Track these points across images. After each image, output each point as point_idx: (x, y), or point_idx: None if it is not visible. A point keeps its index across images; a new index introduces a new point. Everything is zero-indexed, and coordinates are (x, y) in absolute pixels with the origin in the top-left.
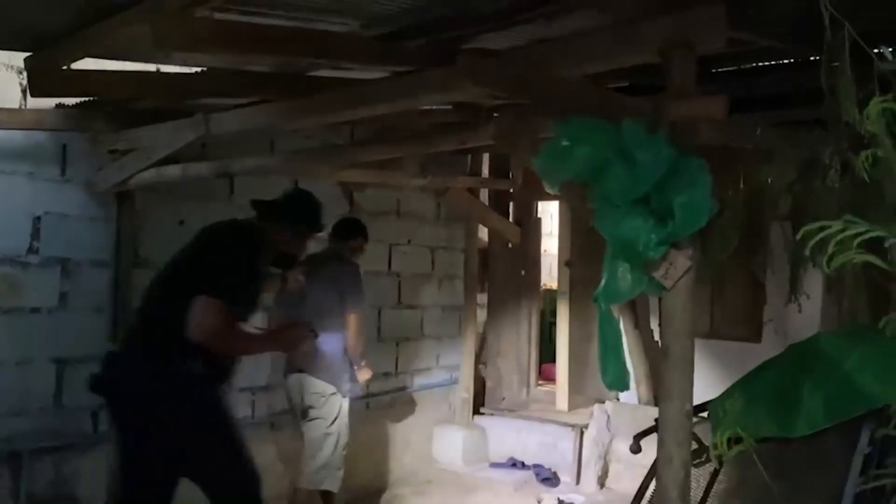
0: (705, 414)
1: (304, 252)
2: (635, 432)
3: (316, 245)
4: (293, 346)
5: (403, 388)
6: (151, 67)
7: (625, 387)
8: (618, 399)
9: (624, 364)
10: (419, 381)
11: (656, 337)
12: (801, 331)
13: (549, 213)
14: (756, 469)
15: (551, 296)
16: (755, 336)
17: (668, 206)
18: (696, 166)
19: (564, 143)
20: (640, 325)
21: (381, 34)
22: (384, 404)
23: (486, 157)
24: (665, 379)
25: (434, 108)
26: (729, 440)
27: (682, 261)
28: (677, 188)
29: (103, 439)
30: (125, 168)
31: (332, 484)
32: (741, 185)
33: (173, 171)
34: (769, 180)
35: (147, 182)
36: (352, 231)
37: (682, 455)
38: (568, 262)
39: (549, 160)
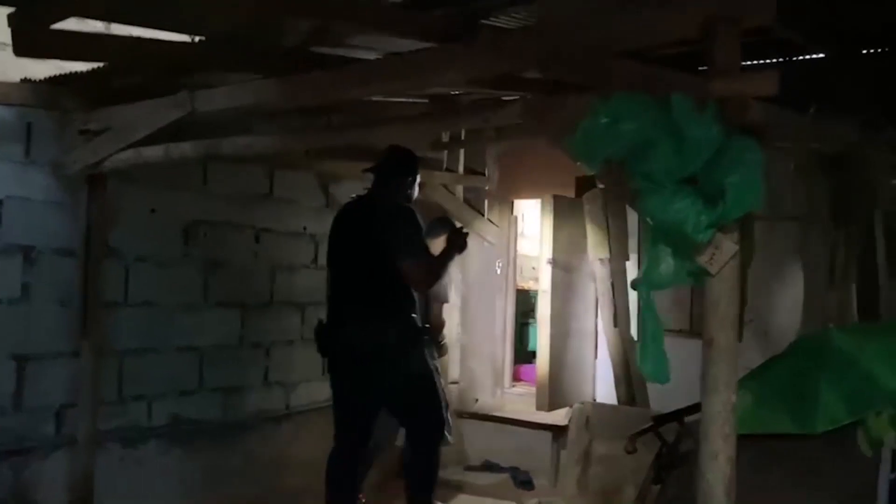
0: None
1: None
2: (614, 433)
3: None
4: (463, 247)
5: None
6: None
7: (665, 378)
8: (593, 399)
9: (664, 354)
10: None
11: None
12: (783, 330)
13: (521, 213)
14: (770, 467)
15: (523, 297)
16: (736, 335)
17: (718, 186)
18: (747, 146)
19: (606, 120)
20: (619, 323)
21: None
22: None
23: (461, 154)
24: (709, 370)
25: (408, 100)
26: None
27: (728, 245)
28: (728, 168)
29: (67, 441)
30: (99, 149)
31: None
32: None
33: (154, 152)
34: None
35: (123, 165)
36: None
37: (729, 451)
38: (551, 260)
39: (588, 139)
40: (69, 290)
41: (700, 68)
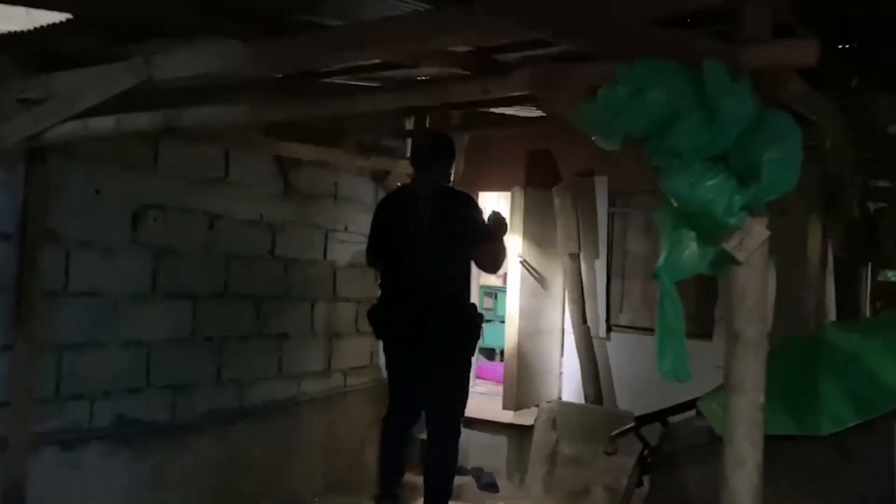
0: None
1: None
2: (582, 433)
3: None
4: (507, 229)
5: (336, 388)
6: None
7: (686, 376)
8: (559, 399)
9: (684, 351)
10: (353, 380)
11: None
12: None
13: (485, 206)
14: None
15: (485, 291)
16: (706, 333)
17: (752, 164)
18: (784, 120)
19: (629, 89)
20: (588, 320)
21: None
22: (316, 406)
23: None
24: (734, 368)
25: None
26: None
27: (759, 230)
28: (764, 144)
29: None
30: (40, 119)
31: None
32: None
33: (103, 124)
34: None
35: (66, 138)
36: None
37: (757, 456)
38: (523, 261)
39: (607, 111)
40: (2, 276)
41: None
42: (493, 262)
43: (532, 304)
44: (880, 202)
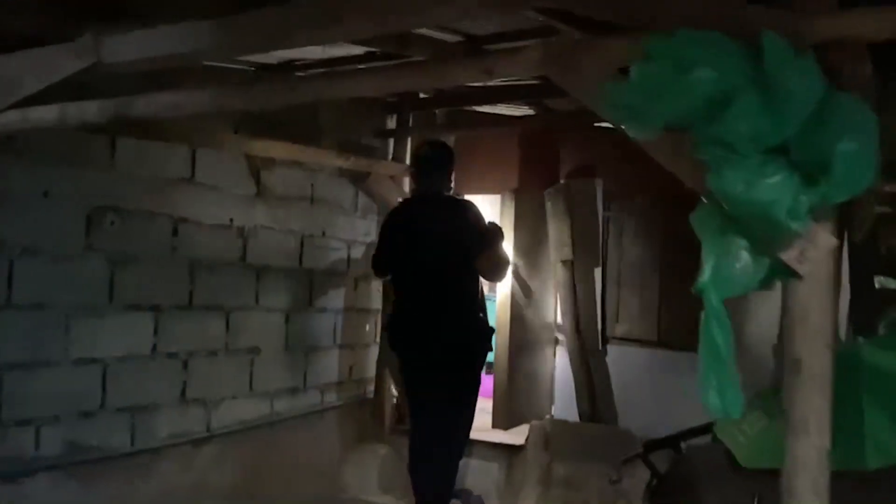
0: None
1: None
2: (577, 453)
3: None
4: (503, 238)
5: (313, 406)
6: None
7: (736, 412)
8: (550, 416)
9: (735, 381)
10: (330, 396)
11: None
12: (758, 340)
13: None
14: None
15: None
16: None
17: (820, 157)
18: (857, 105)
19: (667, 66)
20: (583, 332)
21: None
22: (291, 426)
23: (409, 142)
24: (795, 404)
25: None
26: (764, 471)
27: (824, 237)
28: (836, 132)
29: None
30: None
31: None
32: None
33: (45, 114)
34: None
35: (4, 130)
36: None
37: None
38: (514, 270)
39: (642, 93)
40: None
41: None
42: (499, 270)
43: (522, 315)
44: (883, 206)
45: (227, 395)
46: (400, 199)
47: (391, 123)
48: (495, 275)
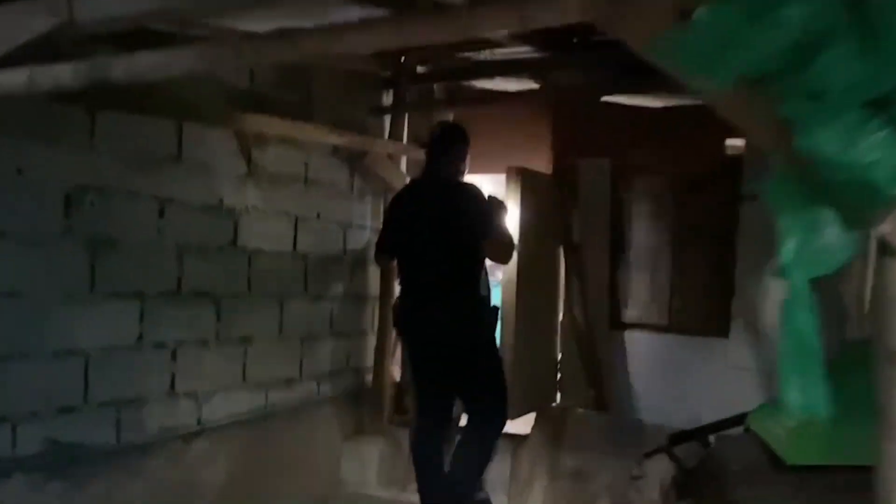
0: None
1: None
2: (587, 443)
3: None
4: (506, 211)
5: (309, 397)
6: None
7: (821, 411)
8: (554, 404)
9: (821, 377)
10: (326, 387)
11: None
12: (776, 325)
13: None
14: None
15: None
16: (722, 330)
17: None
18: None
19: (743, 5)
20: (592, 317)
21: None
22: (286, 418)
23: (406, 119)
24: (893, 400)
25: None
26: (807, 467)
27: None
28: None
29: None
30: None
31: None
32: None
33: (14, 78)
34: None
35: None
36: None
37: None
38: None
39: (712, 38)
40: None
41: None
42: (506, 252)
43: (527, 300)
44: None
45: (218, 388)
46: (408, 181)
47: (387, 100)
48: (502, 257)
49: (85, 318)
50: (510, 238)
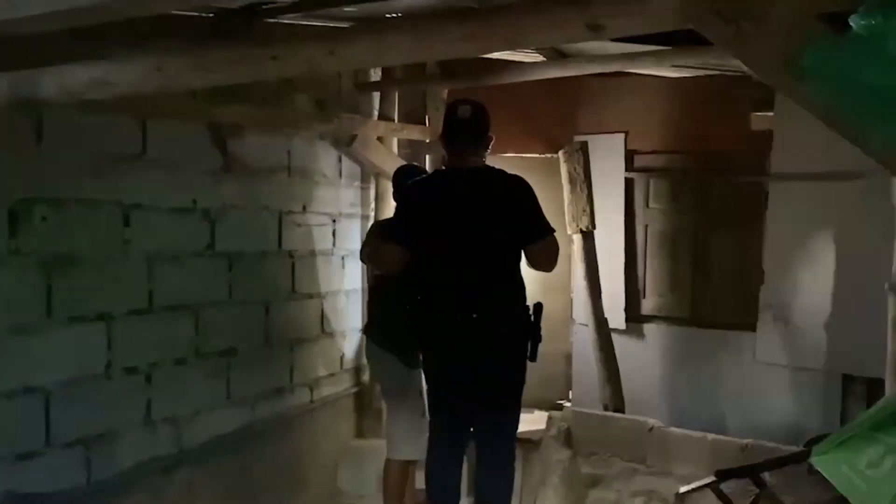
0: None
1: None
2: (603, 448)
3: None
4: None
5: (301, 405)
6: None
7: None
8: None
9: None
10: (320, 392)
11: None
12: (808, 317)
13: None
14: None
15: None
16: (748, 323)
17: None
18: None
19: None
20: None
21: None
22: (277, 431)
23: (396, 97)
24: None
25: None
26: None
27: None
28: None
29: None
30: None
31: None
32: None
33: None
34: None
35: None
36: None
37: None
38: None
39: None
40: None
41: None
42: (554, 258)
43: (533, 292)
44: None
45: (200, 408)
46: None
47: (374, 75)
48: (544, 264)
49: (42, 349)
50: (557, 242)
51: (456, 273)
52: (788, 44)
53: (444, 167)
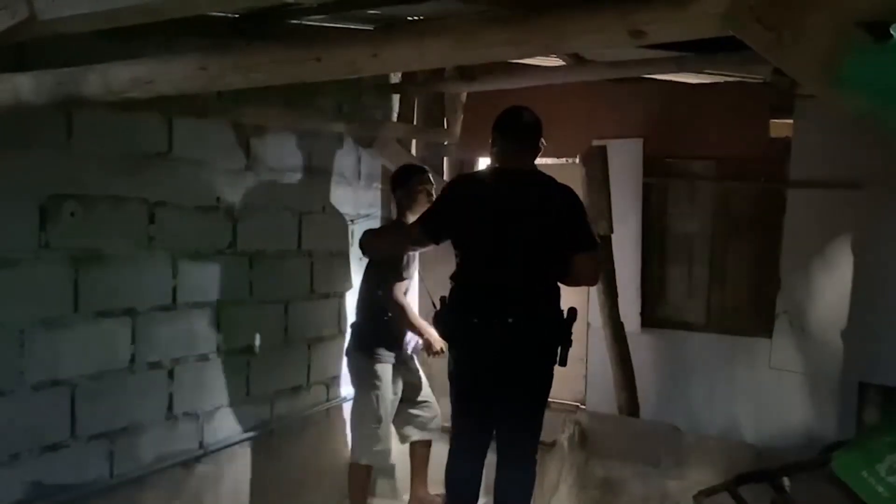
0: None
1: None
2: (619, 452)
3: None
4: None
5: (318, 404)
6: None
7: None
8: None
9: None
10: (337, 390)
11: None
12: (825, 324)
13: None
14: None
15: None
16: (765, 329)
17: None
18: None
19: None
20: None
21: None
22: (294, 429)
23: (416, 100)
24: None
25: None
26: None
27: None
28: None
29: None
30: None
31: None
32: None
33: None
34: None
35: None
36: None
37: None
38: None
39: None
40: None
41: None
42: (598, 272)
43: None
44: None
45: (220, 404)
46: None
47: (394, 78)
48: (592, 277)
49: (69, 343)
50: (601, 259)
51: (497, 275)
52: (829, 51)
53: (496, 166)
